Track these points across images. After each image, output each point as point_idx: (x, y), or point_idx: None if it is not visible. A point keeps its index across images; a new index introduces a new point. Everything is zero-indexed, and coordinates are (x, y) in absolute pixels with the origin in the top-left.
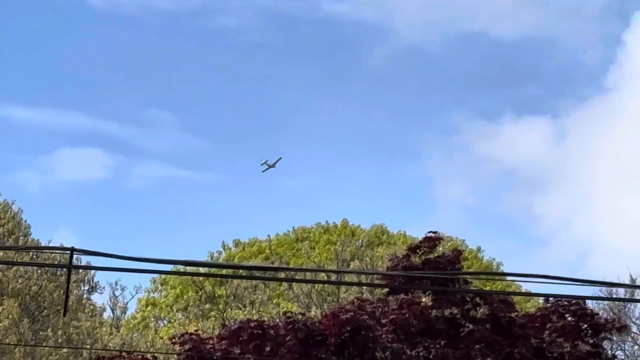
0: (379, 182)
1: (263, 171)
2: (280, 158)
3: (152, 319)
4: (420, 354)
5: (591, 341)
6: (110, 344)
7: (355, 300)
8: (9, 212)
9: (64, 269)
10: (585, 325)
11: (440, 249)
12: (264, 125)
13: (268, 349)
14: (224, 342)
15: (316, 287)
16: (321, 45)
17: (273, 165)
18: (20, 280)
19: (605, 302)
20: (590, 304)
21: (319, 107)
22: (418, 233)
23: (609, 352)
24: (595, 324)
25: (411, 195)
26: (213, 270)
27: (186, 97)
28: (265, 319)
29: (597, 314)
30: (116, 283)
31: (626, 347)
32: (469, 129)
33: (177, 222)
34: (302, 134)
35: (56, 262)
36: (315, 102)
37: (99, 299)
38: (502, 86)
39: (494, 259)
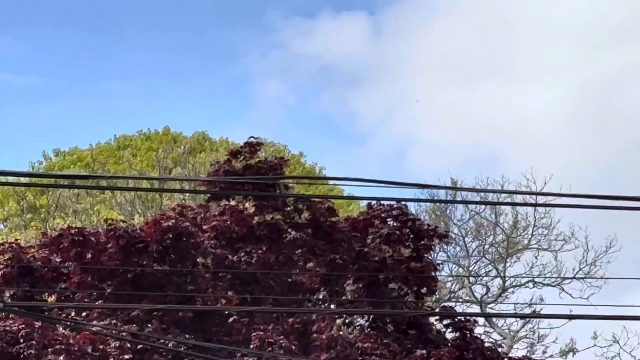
0: (198, 85)
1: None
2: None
3: None
4: (242, 259)
5: (413, 246)
6: None
7: (176, 207)
8: None
9: None
10: (407, 231)
11: (263, 154)
12: (85, 28)
13: (89, 256)
14: (44, 250)
15: (139, 195)
16: None
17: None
18: None
19: (427, 203)
20: (412, 204)
21: (139, 8)
22: (241, 139)
23: (431, 254)
24: (418, 230)
25: (230, 97)
26: (35, 179)
27: None
28: (88, 226)
29: (419, 220)
30: None
31: (449, 249)
32: (286, 26)
33: None
34: (123, 35)
35: None
36: (130, 2)
37: None
38: None
39: (316, 163)
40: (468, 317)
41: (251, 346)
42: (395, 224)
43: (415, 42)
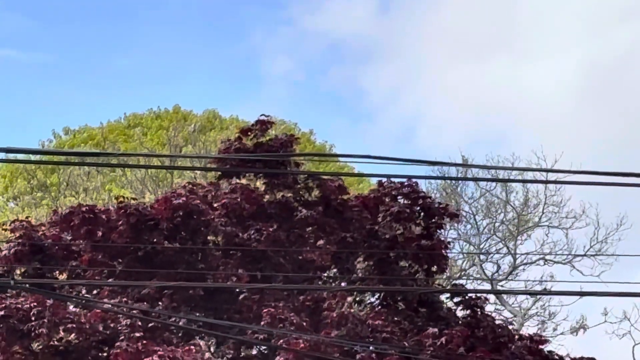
0: (207, 63)
1: None
2: None
3: None
4: (252, 237)
5: (423, 224)
6: None
7: (187, 185)
8: None
9: None
10: (418, 208)
11: (273, 132)
12: (95, 5)
13: (100, 234)
14: (55, 228)
15: (149, 173)
16: None
17: None
18: None
19: (438, 181)
20: (422, 182)
21: None
22: (251, 117)
23: (442, 232)
24: (428, 208)
25: (239, 75)
26: (45, 157)
27: None
28: (99, 204)
29: (430, 197)
30: None
31: (459, 227)
32: (294, 2)
33: (5, 106)
34: (133, 13)
35: None
36: None
37: None
38: None
39: (326, 141)
40: (479, 295)
41: (262, 323)
42: (405, 202)
43: (424, 18)
